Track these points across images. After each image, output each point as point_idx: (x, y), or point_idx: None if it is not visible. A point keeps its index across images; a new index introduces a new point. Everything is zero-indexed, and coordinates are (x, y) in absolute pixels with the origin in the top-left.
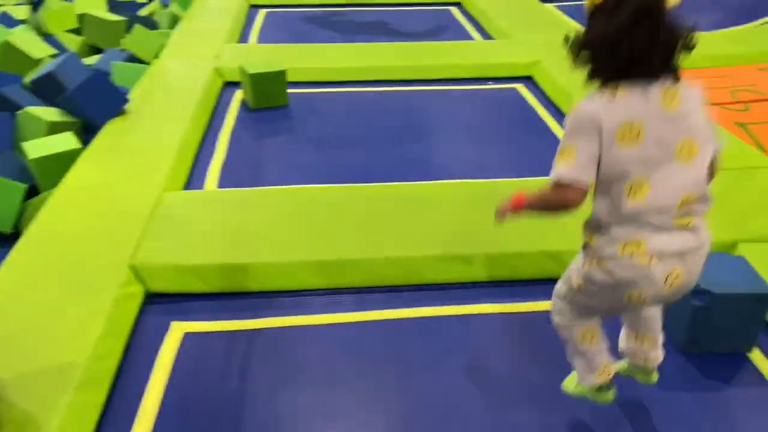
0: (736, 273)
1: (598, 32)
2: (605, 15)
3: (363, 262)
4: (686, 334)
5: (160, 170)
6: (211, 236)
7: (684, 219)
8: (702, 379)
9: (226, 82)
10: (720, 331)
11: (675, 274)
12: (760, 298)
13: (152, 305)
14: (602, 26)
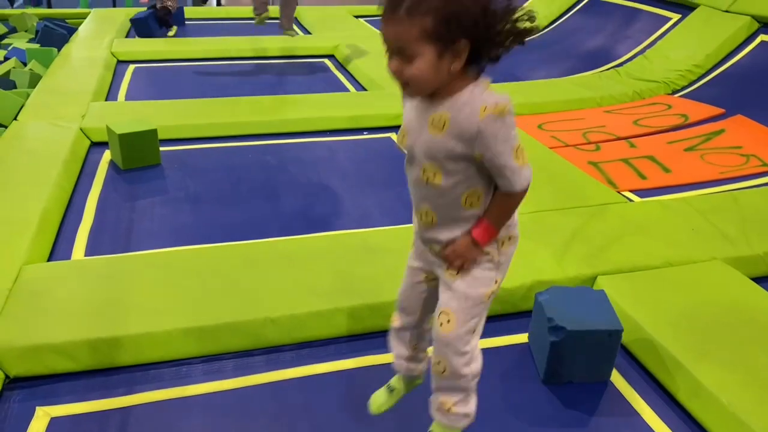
0: (593, 308)
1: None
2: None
3: (242, 324)
4: (546, 367)
5: (20, 241)
6: (78, 310)
7: None
8: (566, 408)
9: (94, 143)
10: (577, 364)
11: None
12: (611, 333)
13: (13, 391)
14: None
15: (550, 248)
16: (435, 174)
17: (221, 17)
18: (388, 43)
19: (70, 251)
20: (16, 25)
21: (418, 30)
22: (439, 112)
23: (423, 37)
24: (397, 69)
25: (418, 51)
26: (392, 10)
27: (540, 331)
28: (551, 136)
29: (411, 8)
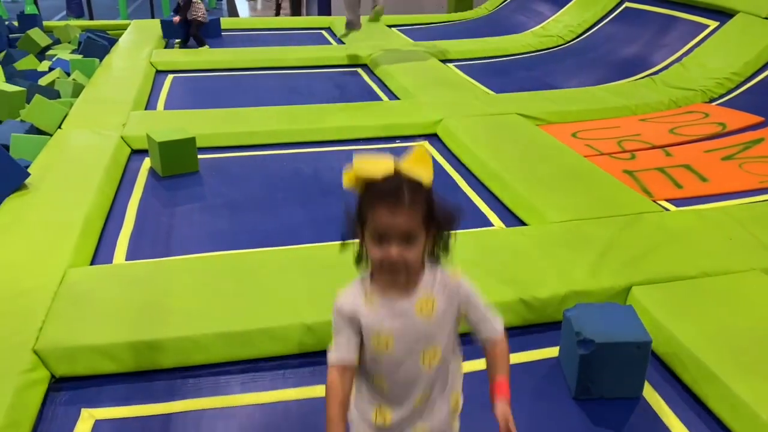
0: (621, 322)
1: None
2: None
3: (278, 329)
4: (577, 383)
5: (65, 246)
6: (120, 312)
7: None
8: (597, 425)
9: (134, 150)
10: (607, 378)
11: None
12: (639, 345)
13: (59, 392)
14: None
15: (584, 258)
16: (435, 354)
17: (256, 28)
18: (394, 232)
19: (111, 255)
20: (60, 36)
21: (420, 217)
22: (422, 298)
23: (421, 224)
24: (400, 254)
25: (419, 236)
26: (398, 202)
27: (569, 346)
28: (585, 144)
29: (412, 199)
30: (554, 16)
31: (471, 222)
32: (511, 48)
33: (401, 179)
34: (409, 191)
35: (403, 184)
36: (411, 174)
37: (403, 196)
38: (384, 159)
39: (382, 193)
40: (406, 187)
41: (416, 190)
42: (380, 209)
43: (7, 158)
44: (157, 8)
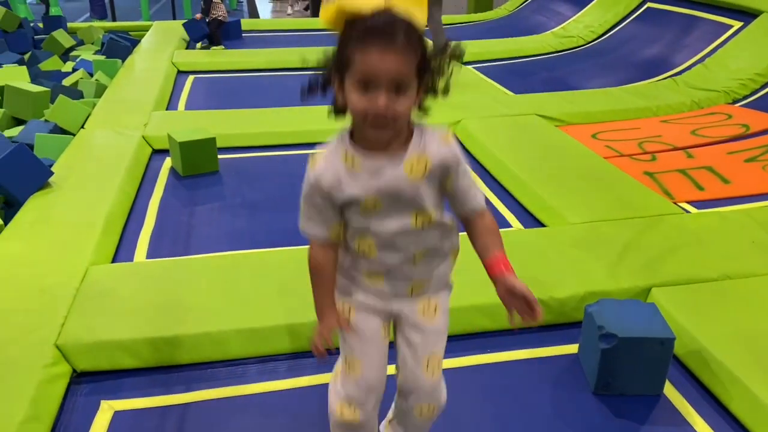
0: (644, 319)
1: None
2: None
3: (295, 327)
4: (597, 377)
5: (87, 243)
6: (140, 309)
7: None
8: (617, 419)
9: (155, 150)
10: (628, 374)
11: None
12: (663, 342)
13: (80, 385)
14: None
15: (603, 259)
16: (427, 217)
17: (277, 29)
18: (384, 77)
19: (132, 253)
20: (83, 38)
21: (414, 63)
22: (412, 157)
23: (414, 71)
24: (388, 105)
25: (411, 85)
26: (390, 42)
27: (590, 341)
28: (606, 145)
29: (407, 39)
30: (575, 16)
31: None
32: (531, 49)
33: (394, 15)
34: (404, 30)
35: (396, 20)
36: (408, 12)
37: (396, 34)
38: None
39: (371, 30)
40: (400, 24)
41: (411, 29)
42: (369, 49)
43: (31, 157)
44: (179, 9)
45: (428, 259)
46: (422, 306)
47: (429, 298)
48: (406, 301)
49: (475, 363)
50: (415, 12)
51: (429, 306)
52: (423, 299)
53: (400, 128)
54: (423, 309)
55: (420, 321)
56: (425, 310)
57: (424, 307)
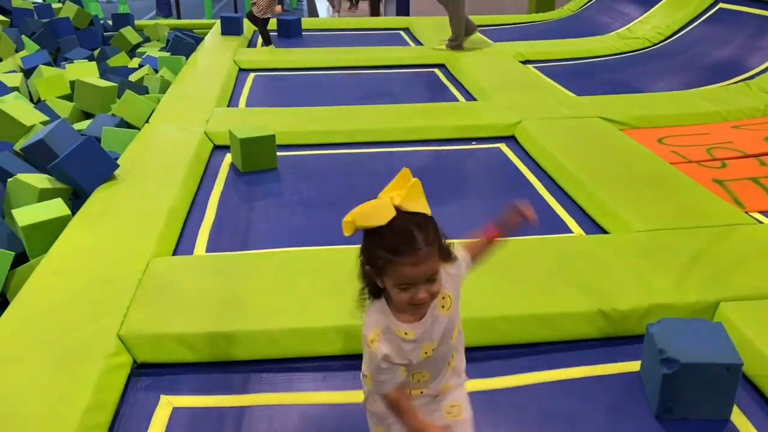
0: (709, 341)
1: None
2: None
3: (350, 328)
4: (659, 401)
5: (150, 236)
6: (200, 303)
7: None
8: None
9: (216, 146)
10: (692, 399)
11: None
12: (729, 368)
13: (140, 377)
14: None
15: (668, 270)
16: (458, 331)
17: (335, 28)
18: (418, 278)
19: (192, 247)
20: (149, 35)
21: (437, 256)
22: (439, 299)
23: (438, 256)
24: (428, 293)
25: (439, 267)
26: (416, 249)
27: (652, 362)
28: (672, 150)
29: (426, 239)
30: (641, 17)
31: (549, 228)
32: (594, 50)
33: (408, 222)
34: (421, 231)
35: (412, 225)
36: (414, 209)
37: (417, 240)
38: (381, 204)
39: (395, 242)
40: (416, 227)
41: (426, 226)
42: (400, 260)
43: (99, 150)
44: (241, 8)
45: (457, 364)
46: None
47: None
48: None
49: (531, 382)
50: (422, 205)
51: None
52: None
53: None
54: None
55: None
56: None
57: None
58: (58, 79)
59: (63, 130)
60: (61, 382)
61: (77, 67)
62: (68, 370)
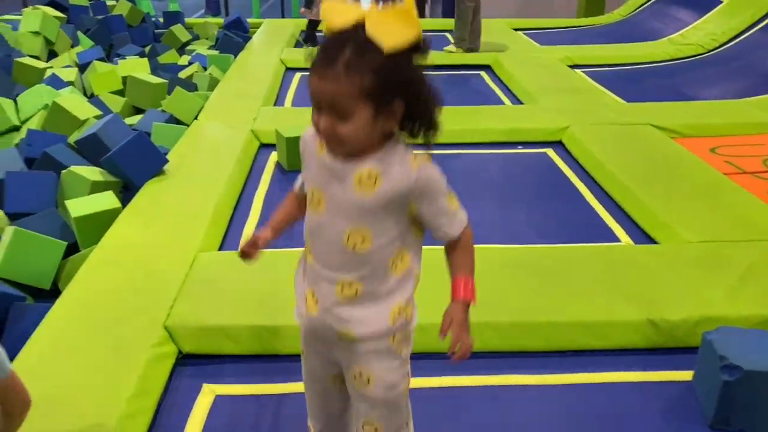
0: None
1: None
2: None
3: None
4: (715, 411)
5: (197, 231)
6: (244, 298)
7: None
8: None
9: (262, 144)
10: (752, 410)
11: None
12: None
13: (184, 366)
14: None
15: (722, 282)
16: (364, 239)
17: None
18: (318, 98)
19: (238, 243)
20: (199, 33)
21: (356, 88)
22: (365, 168)
23: (361, 96)
24: (329, 127)
25: (355, 109)
26: (327, 64)
27: (708, 372)
28: (726, 161)
29: (349, 64)
30: (695, 23)
31: (596, 236)
32: (645, 56)
33: (351, 38)
34: (351, 54)
35: (348, 44)
36: (372, 33)
37: (336, 59)
38: (353, 7)
39: (320, 51)
40: (350, 48)
41: (361, 53)
42: (313, 70)
43: (150, 145)
44: (288, 8)
45: (372, 298)
46: (352, 373)
47: (360, 366)
48: (343, 357)
49: (575, 382)
50: (386, 35)
51: (361, 376)
52: (353, 366)
53: (357, 149)
54: (354, 375)
55: (355, 387)
56: (358, 378)
57: (354, 374)
58: (111, 74)
59: (115, 124)
60: (108, 369)
61: (129, 63)
62: (116, 358)
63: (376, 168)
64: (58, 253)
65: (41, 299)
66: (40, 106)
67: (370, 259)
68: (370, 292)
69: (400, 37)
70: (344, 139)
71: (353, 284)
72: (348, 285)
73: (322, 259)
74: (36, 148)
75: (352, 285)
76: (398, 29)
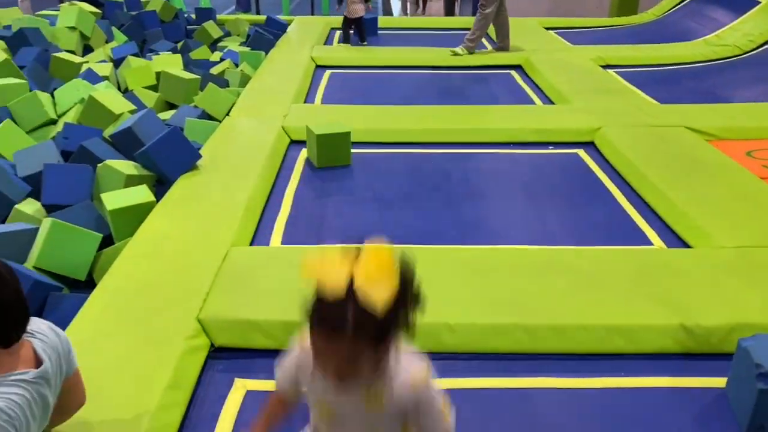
0: None
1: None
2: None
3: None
4: (750, 419)
5: (229, 225)
6: (275, 292)
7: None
8: None
9: (293, 141)
10: None
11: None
12: None
13: (216, 359)
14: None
15: (758, 288)
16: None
17: (411, 27)
18: (327, 355)
19: (268, 238)
20: (230, 29)
21: (363, 345)
22: (373, 389)
23: (365, 347)
24: (337, 372)
25: (361, 357)
26: (339, 331)
27: (743, 378)
28: (763, 165)
29: (358, 328)
30: (732, 23)
31: (628, 239)
32: (679, 56)
33: (348, 305)
34: (357, 318)
35: (349, 311)
36: (365, 296)
37: (345, 325)
38: (337, 272)
39: (323, 318)
40: (353, 314)
41: (365, 317)
42: (320, 335)
43: (183, 140)
44: (317, 5)
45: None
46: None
47: None
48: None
49: (607, 386)
50: (377, 295)
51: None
52: None
53: (363, 378)
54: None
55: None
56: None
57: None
58: (145, 69)
59: (149, 119)
60: (143, 360)
61: (163, 58)
62: (151, 349)
63: (381, 390)
64: (94, 244)
65: (77, 290)
66: (76, 100)
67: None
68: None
69: (385, 292)
70: (351, 375)
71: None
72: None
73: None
74: (72, 142)
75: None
76: (383, 286)
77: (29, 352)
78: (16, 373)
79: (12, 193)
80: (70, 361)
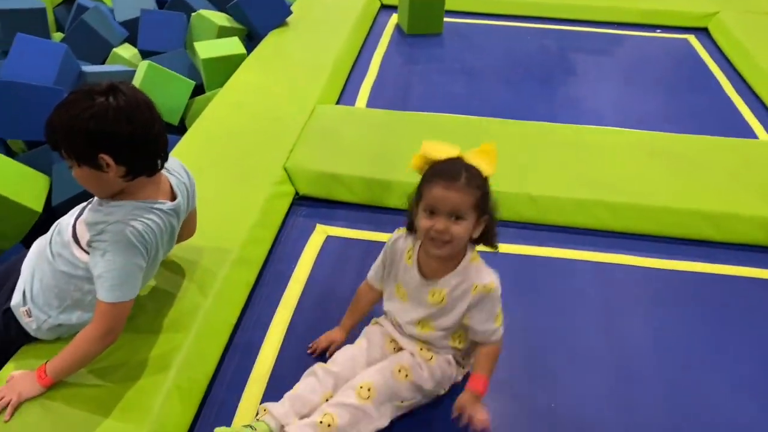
0: None
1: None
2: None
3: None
4: None
5: (316, 83)
6: (357, 150)
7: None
8: None
9: (383, 5)
10: None
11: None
12: None
13: (300, 207)
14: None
15: None
16: (432, 328)
17: None
18: (444, 205)
19: (354, 99)
20: None
21: (473, 199)
22: (438, 288)
23: (472, 206)
24: (446, 228)
25: (467, 216)
26: (454, 179)
27: None
28: None
29: (470, 180)
30: None
31: (731, 130)
32: None
33: (461, 163)
34: (467, 173)
35: (462, 166)
36: (472, 161)
37: (459, 175)
38: (450, 147)
39: (440, 171)
40: (464, 169)
41: (474, 175)
42: (436, 184)
43: None
44: None
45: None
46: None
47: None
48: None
49: (695, 270)
50: (482, 164)
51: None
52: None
53: (456, 250)
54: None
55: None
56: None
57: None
58: None
59: None
60: (233, 198)
61: None
62: (240, 191)
63: (444, 290)
64: (187, 90)
65: (169, 134)
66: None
67: (435, 333)
68: (437, 338)
69: (489, 166)
70: (454, 237)
71: (426, 325)
72: (423, 324)
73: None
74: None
75: (425, 326)
76: (487, 162)
77: (167, 186)
78: (156, 201)
79: (111, 37)
80: (193, 198)
